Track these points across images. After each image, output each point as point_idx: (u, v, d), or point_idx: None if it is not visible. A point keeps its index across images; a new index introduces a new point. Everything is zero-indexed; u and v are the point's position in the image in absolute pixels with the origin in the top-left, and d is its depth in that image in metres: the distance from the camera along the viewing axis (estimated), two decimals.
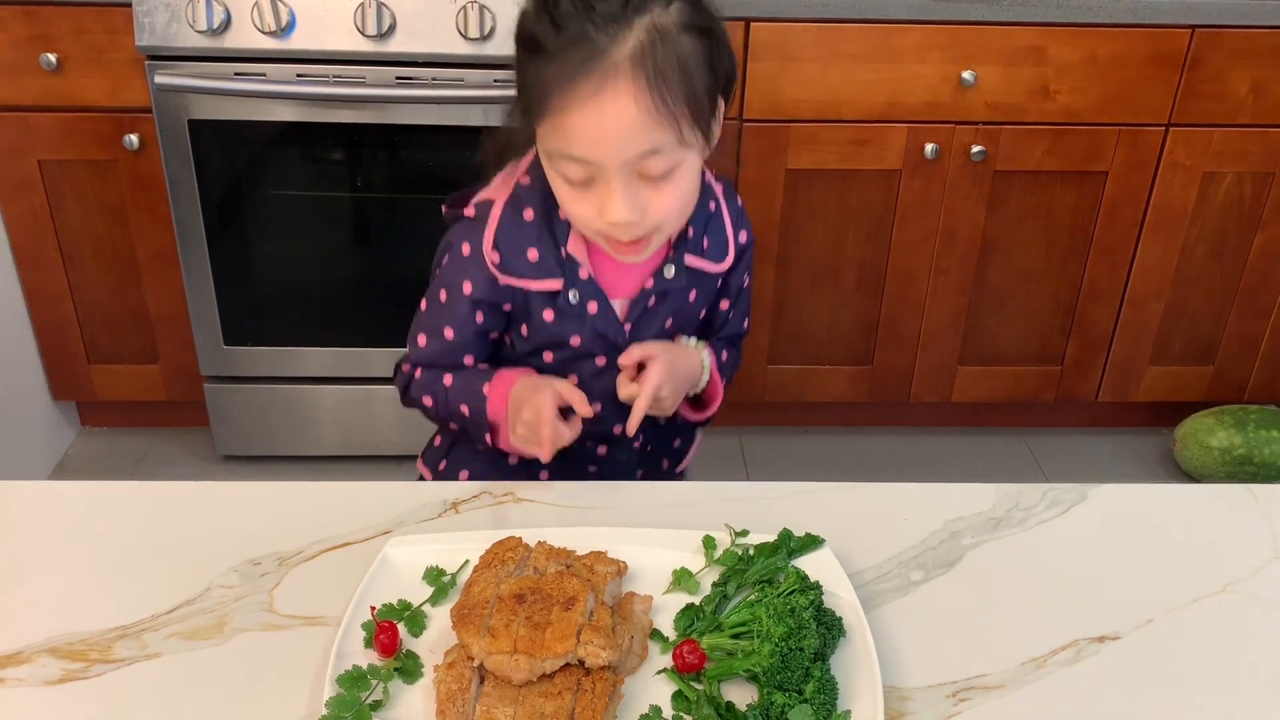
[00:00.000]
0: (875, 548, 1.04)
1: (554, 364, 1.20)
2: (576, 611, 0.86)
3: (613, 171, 1.00)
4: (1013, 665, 0.90)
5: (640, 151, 0.99)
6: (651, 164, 1.00)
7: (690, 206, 1.10)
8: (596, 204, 1.03)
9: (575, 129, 0.98)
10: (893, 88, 2.03)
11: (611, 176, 1.00)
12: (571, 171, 1.02)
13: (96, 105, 2.00)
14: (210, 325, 2.16)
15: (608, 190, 1.01)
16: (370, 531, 1.03)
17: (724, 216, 1.20)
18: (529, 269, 1.14)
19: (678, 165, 1.02)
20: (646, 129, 0.97)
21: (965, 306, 2.27)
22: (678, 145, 1.00)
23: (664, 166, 1.01)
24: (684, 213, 1.09)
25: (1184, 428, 2.37)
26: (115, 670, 0.88)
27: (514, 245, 1.14)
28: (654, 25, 0.97)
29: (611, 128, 0.97)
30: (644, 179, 1.01)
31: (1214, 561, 1.03)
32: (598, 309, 1.16)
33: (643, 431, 1.19)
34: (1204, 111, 2.08)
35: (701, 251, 1.18)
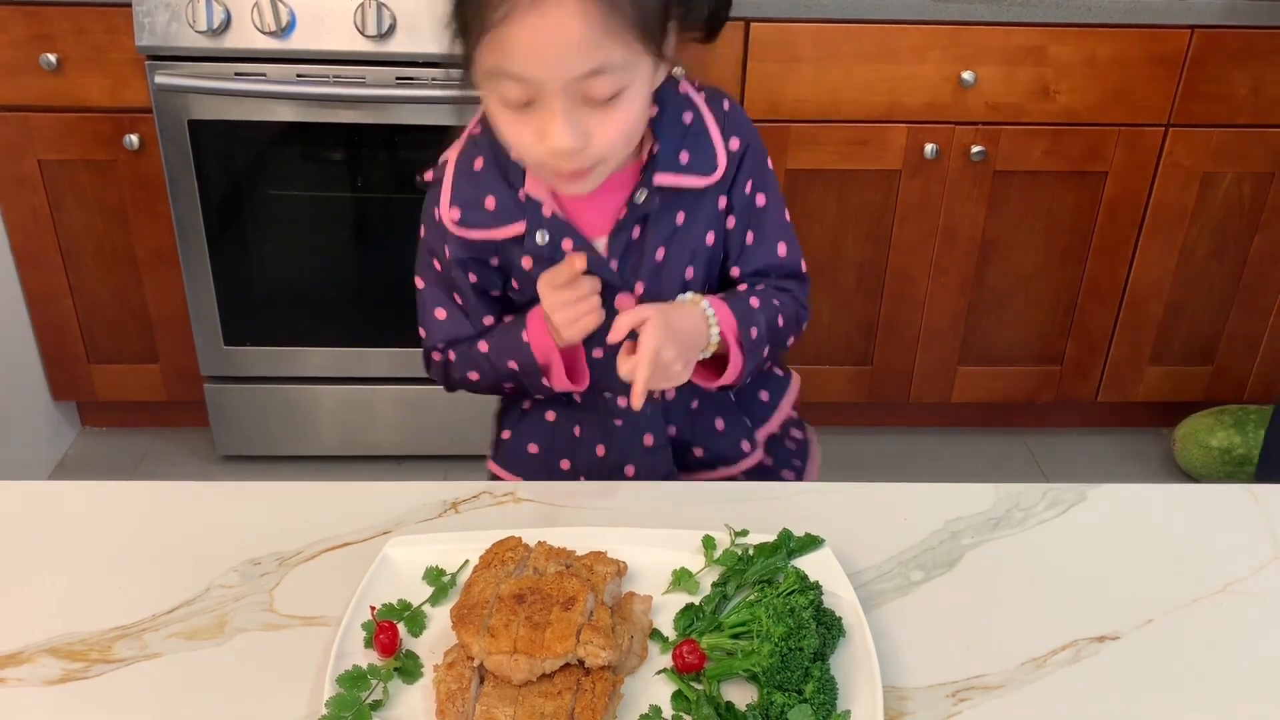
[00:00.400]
0: (875, 548, 1.04)
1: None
2: (576, 611, 0.87)
3: (554, 92, 0.93)
4: (1013, 665, 0.90)
5: (585, 70, 0.92)
6: (596, 85, 0.94)
7: (635, 135, 1.01)
8: (537, 129, 0.96)
9: (514, 42, 0.91)
10: (893, 88, 2.04)
11: (553, 98, 0.94)
12: (510, 92, 0.95)
13: (96, 105, 2.00)
14: (210, 325, 2.16)
15: (549, 114, 0.94)
16: (370, 531, 1.03)
17: (707, 125, 1.10)
18: (489, 218, 1.10)
19: (625, 87, 0.95)
20: (591, 45, 0.91)
21: (965, 306, 2.27)
22: (625, 64, 0.94)
23: (610, 88, 0.94)
24: (629, 142, 1.01)
25: (1183, 428, 2.37)
26: (115, 670, 0.88)
27: (471, 198, 1.10)
28: None
29: (553, 42, 0.91)
30: (587, 102, 0.95)
31: (1214, 561, 1.03)
32: (574, 246, 1.09)
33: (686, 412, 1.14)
34: (1204, 112, 2.08)
35: (679, 167, 1.09)
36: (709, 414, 1.24)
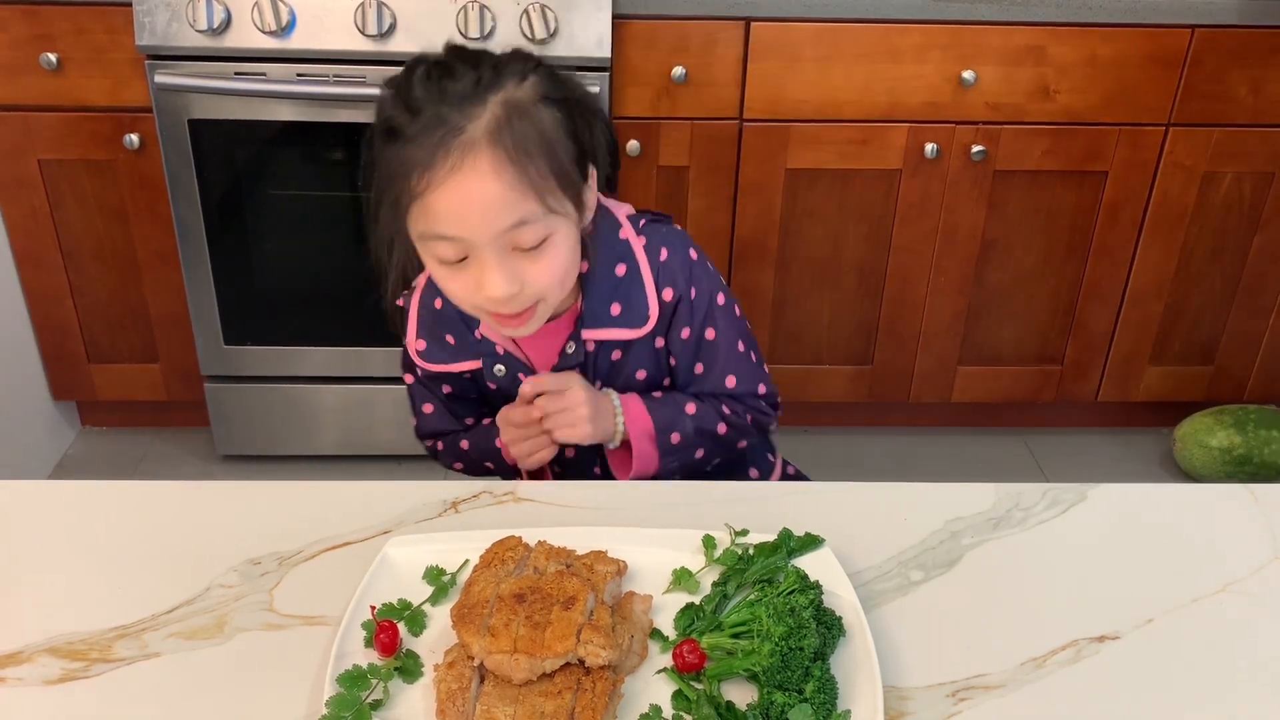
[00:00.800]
0: (875, 548, 1.04)
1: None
2: (576, 611, 0.86)
3: (484, 246, 1.00)
4: (1013, 665, 0.90)
5: (508, 224, 0.99)
6: (522, 235, 1.00)
7: (569, 276, 1.08)
8: (473, 280, 1.03)
9: (439, 207, 0.98)
10: (893, 87, 2.03)
11: (484, 251, 1.00)
12: (444, 251, 1.02)
13: (96, 105, 2.00)
14: (210, 325, 2.16)
15: (482, 266, 1.01)
16: (370, 531, 1.03)
17: (643, 277, 1.17)
18: (449, 354, 1.20)
19: (551, 234, 1.02)
20: (510, 201, 0.98)
21: (965, 306, 2.27)
22: (546, 215, 1.01)
23: (535, 237, 1.01)
24: (564, 282, 1.07)
25: (1184, 428, 2.37)
26: (115, 670, 0.88)
27: (432, 333, 1.20)
28: (508, 101, 0.98)
29: (476, 202, 0.98)
30: (518, 251, 1.02)
31: (1214, 561, 1.03)
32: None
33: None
34: (1204, 111, 2.08)
35: (609, 320, 1.16)
36: None
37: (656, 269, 1.17)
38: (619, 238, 1.17)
